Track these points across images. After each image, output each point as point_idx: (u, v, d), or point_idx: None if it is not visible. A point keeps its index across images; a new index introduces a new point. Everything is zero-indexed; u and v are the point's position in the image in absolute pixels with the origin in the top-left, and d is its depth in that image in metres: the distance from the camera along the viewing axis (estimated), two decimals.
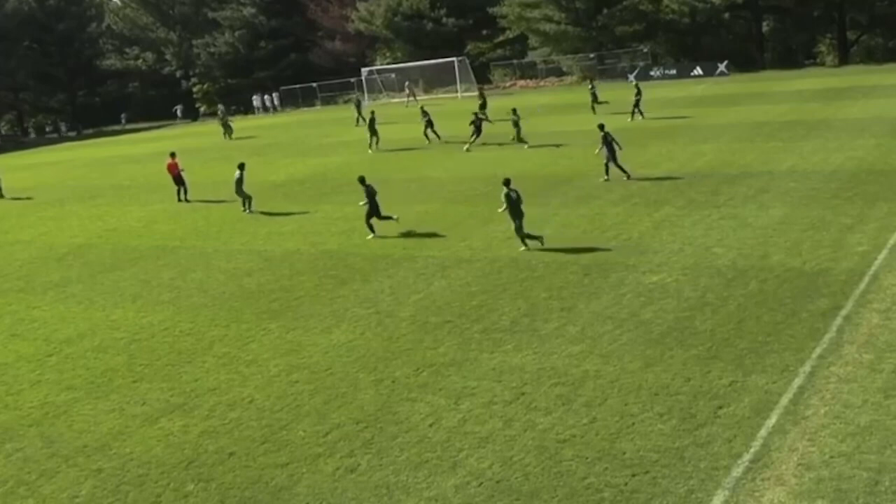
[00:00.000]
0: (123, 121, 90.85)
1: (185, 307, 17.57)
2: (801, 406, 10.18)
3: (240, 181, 26.84)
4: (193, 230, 25.65)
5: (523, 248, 18.44)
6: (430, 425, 10.92)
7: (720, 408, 10.40)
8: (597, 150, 25.34)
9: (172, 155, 31.44)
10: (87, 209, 31.94)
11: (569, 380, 11.74)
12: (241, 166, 27.10)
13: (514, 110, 34.15)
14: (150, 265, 21.58)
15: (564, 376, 11.87)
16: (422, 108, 40.82)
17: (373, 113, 39.92)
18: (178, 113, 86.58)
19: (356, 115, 51.22)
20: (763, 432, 9.67)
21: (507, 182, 18.38)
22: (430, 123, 38.52)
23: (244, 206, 27.12)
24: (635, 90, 38.61)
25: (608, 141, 24.54)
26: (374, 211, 21.57)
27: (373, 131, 38.19)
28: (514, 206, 18.24)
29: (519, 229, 18.44)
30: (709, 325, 13.12)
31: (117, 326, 16.80)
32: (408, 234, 21.12)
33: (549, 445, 10.01)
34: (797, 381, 10.82)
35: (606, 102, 43.36)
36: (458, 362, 12.87)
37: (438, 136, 38.45)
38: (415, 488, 9.50)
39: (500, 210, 18.88)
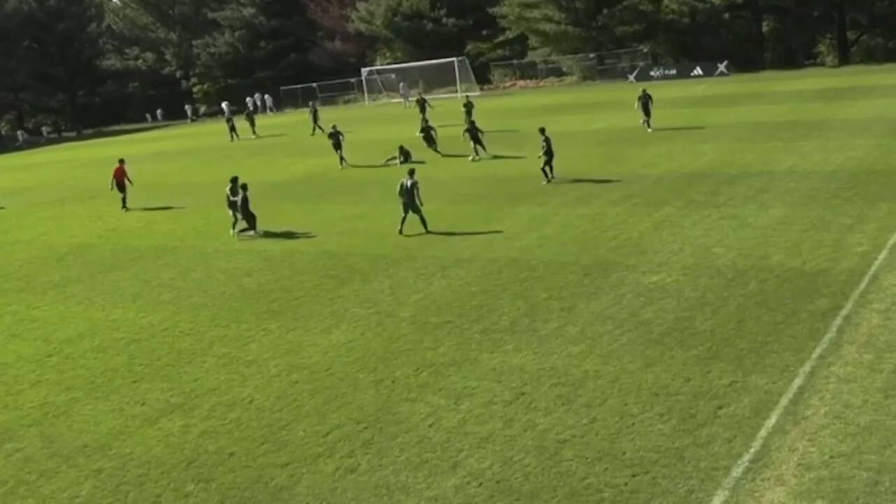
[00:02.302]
0: (160, 117, 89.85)
1: (185, 307, 17.57)
2: (801, 406, 10.17)
3: (245, 202, 23.39)
4: (193, 230, 25.65)
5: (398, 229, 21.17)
6: (430, 425, 10.91)
7: (720, 408, 10.39)
8: (539, 154, 25.75)
9: (121, 161, 31.09)
10: (87, 209, 31.95)
11: (569, 380, 11.74)
12: (245, 187, 23.53)
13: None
14: (150, 265, 21.58)
15: (564, 376, 11.87)
16: (333, 126, 35.89)
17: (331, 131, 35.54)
18: (257, 102, 76.84)
19: (312, 124, 49.19)
20: (763, 432, 9.66)
21: (411, 172, 21.46)
22: (338, 146, 34.27)
23: (250, 227, 23.47)
24: (644, 97, 34.60)
25: (549, 145, 25.21)
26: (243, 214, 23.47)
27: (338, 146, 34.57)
28: (407, 195, 21.06)
29: (413, 214, 21.21)
30: (709, 325, 13.12)
31: (117, 326, 16.80)
32: (408, 234, 21.12)
33: (549, 445, 10.01)
34: (797, 381, 10.82)
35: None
36: (458, 362, 12.87)
37: (343, 161, 34.57)
38: (415, 488, 9.50)
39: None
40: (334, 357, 13.74)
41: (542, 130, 25.89)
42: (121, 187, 30.46)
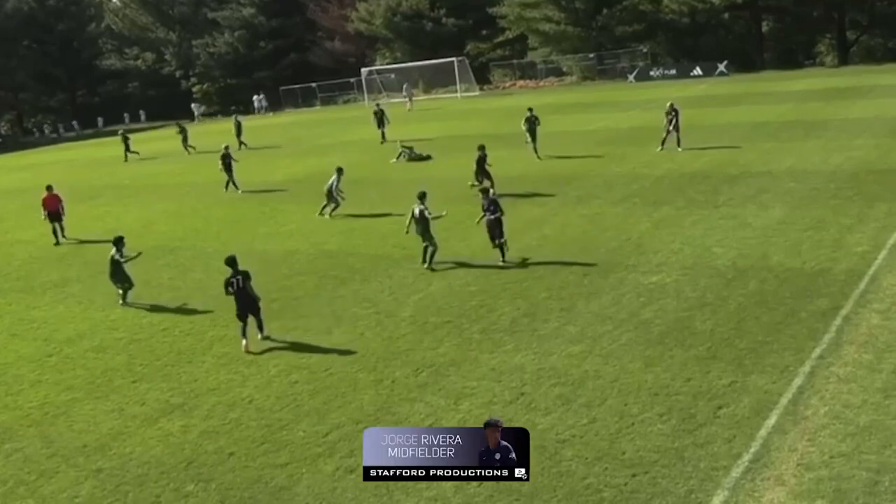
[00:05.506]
0: (142, 118, 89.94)
1: (185, 307, 17.56)
2: (800, 406, 10.18)
3: (116, 263, 18.32)
4: (193, 230, 25.65)
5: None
6: (430, 426, 10.90)
7: (720, 408, 10.40)
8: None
9: (49, 188, 26.35)
10: (87, 209, 31.90)
11: (569, 380, 11.74)
12: (118, 241, 18.44)
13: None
14: (150, 265, 21.55)
15: (564, 376, 11.87)
16: (225, 147, 31.74)
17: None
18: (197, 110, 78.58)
19: (236, 139, 44.77)
20: (763, 432, 9.67)
21: (421, 197, 18.13)
22: (228, 168, 30.70)
23: (122, 296, 18.44)
24: (672, 114, 29.14)
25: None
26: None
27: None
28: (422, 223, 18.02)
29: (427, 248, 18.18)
30: (709, 325, 13.12)
31: (117, 326, 16.80)
32: (408, 235, 21.07)
33: (549, 445, 10.01)
34: (797, 381, 10.82)
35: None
36: (457, 362, 12.87)
37: (229, 185, 30.82)
38: (415, 488, 9.49)
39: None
40: (334, 357, 13.74)
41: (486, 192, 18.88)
42: (55, 217, 25.92)
